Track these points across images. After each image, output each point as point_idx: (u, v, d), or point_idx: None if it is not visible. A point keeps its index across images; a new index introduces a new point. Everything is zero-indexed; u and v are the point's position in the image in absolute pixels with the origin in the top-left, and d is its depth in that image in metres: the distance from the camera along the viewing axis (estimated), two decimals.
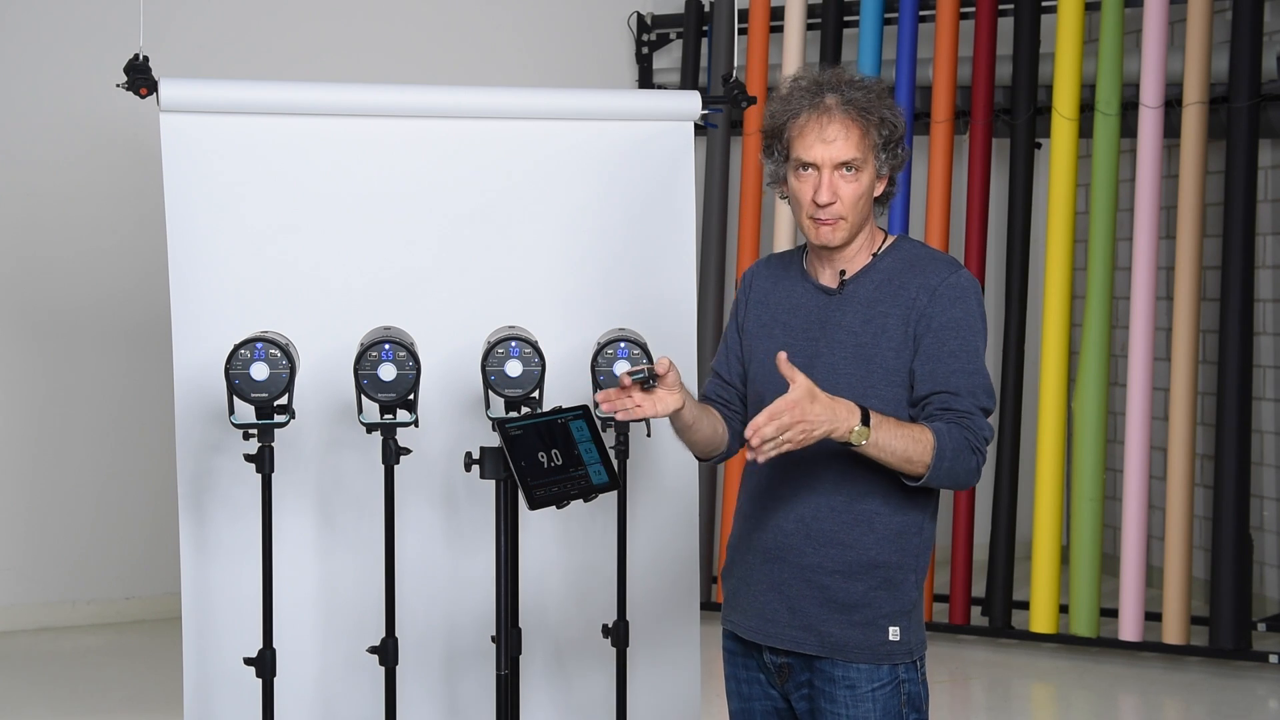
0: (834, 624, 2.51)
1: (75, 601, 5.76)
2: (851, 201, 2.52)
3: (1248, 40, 5.20)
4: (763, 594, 2.59)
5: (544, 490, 2.77)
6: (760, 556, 2.59)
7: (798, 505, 2.54)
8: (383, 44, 6.08)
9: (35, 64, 5.67)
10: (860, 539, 2.51)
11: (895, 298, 2.53)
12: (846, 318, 2.55)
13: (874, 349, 2.51)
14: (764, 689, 2.63)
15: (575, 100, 3.82)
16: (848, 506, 2.51)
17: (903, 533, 2.52)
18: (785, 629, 2.56)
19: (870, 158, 2.53)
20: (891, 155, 2.56)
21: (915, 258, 2.57)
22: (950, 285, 2.51)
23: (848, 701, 2.51)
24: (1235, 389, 5.18)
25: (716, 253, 5.98)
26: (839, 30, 5.91)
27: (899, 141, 2.57)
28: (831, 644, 2.52)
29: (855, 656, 2.51)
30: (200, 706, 3.49)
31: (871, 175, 2.54)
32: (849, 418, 2.36)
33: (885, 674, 2.51)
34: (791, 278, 2.66)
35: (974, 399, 2.48)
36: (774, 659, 2.60)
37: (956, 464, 2.43)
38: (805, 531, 2.53)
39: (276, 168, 3.54)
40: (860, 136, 2.51)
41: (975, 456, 2.45)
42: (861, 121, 2.51)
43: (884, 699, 2.51)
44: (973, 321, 2.51)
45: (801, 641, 2.54)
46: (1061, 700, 5.17)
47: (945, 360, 2.48)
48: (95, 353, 5.76)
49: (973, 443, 2.45)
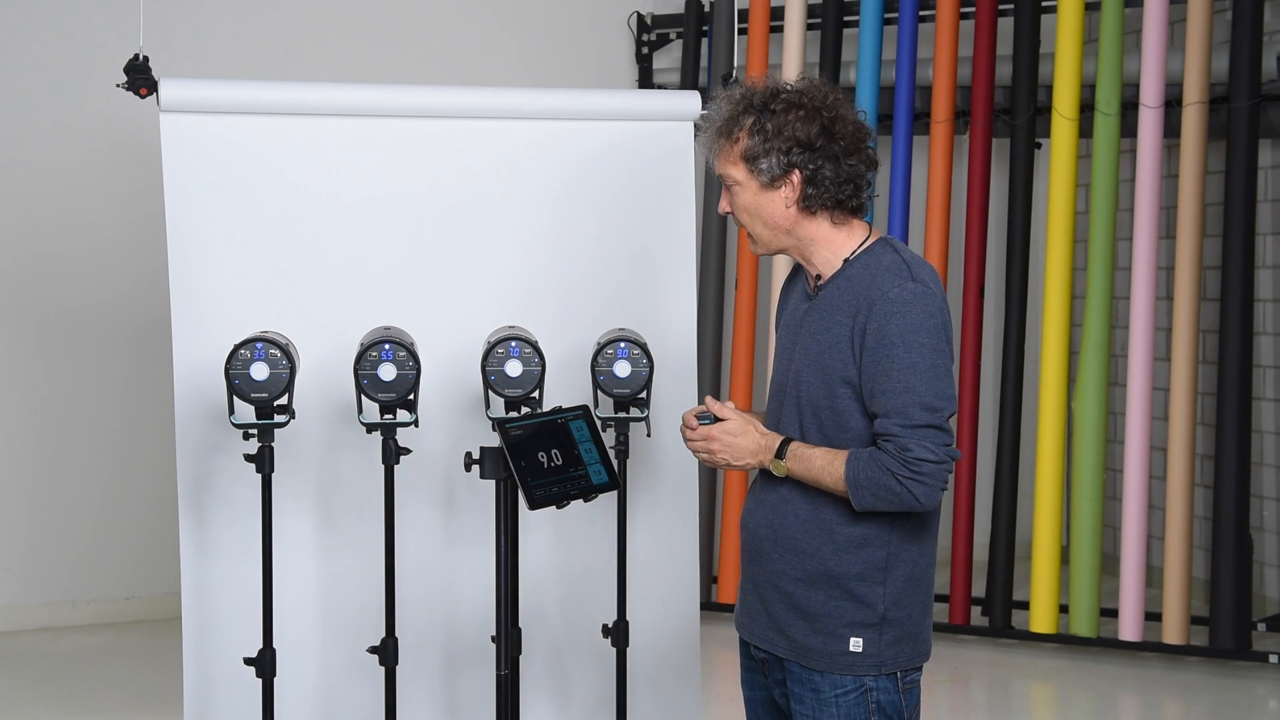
0: (798, 630, 2.54)
1: (75, 601, 5.76)
2: (739, 214, 2.60)
3: (1248, 40, 5.20)
4: (747, 591, 2.66)
5: (544, 490, 2.77)
6: (746, 555, 2.66)
7: (769, 510, 2.59)
8: (382, 44, 6.08)
9: (35, 64, 5.67)
10: (819, 548, 2.52)
11: (846, 307, 2.50)
12: (812, 324, 2.56)
13: (829, 359, 2.51)
14: (761, 679, 2.68)
15: (575, 100, 3.82)
16: (811, 514, 2.54)
17: (863, 545, 2.50)
18: (762, 628, 2.61)
19: (740, 171, 2.56)
20: (773, 159, 2.51)
21: (877, 267, 2.50)
22: (888, 300, 2.43)
23: (813, 704, 2.53)
24: (1235, 389, 5.17)
25: (716, 253, 5.98)
26: (839, 30, 5.91)
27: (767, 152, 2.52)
28: (797, 648, 2.55)
29: (816, 663, 2.53)
30: (200, 706, 3.49)
31: (752, 188, 2.56)
32: (766, 454, 2.55)
33: (850, 682, 2.51)
34: (798, 283, 2.70)
35: (901, 418, 2.40)
36: (757, 653, 2.65)
37: (879, 491, 2.42)
38: (773, 536, 2.58)
39: (276, 168, 3.54)
40: (728, 151, 2.58)
41: (898, 481, 2.40)
42: (723, 138, 2.59)
43: (848, 705, 2.50)
44: (908, 335, 2.41)
45: (774, 642, 2.59)
46: (1061, 700, 5.17)
47: (878, 380, 2.44)
48: (95, 353, 5.76)
49: (891, 467, 2.40)
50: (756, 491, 2.66)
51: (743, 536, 2.66)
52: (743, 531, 2.66)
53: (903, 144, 5.65)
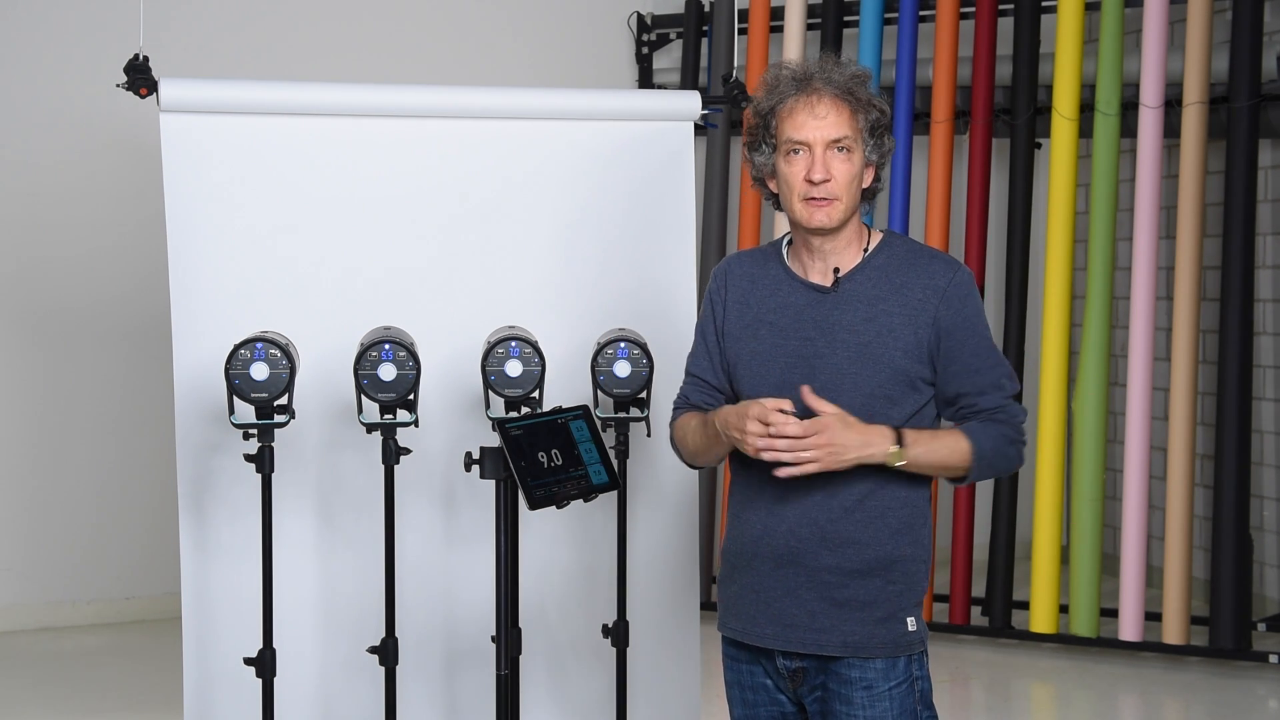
0: (855, 622, 2.51)
1: (75, 601, 5.76)
2: (846, 181, 2.50)
3: (1248, 40, 5.20)
4: (778, 599, 2.55)
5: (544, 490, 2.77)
6: (772, 562, 2.56)
7: (810, 508, 2.52)
8: (382, 44, 6.08)
9: (35, 64, 5.67)
10: (875, 536, 2.51)
11: (899, 296, 2.51)
12: (846, 316, 2.52)
13: (879, 348, 2.49)
14: (770, 695, 2.60)
15: (575, 100, 3.82)
16: (859, 505, 2.51)
17: (912, 524, 2.54)
18: (805, 632, 2.53)
19: (859, 140, 2.51)
20: (878, 143, 2.54)
21: (911, 254, 2.56)
22: (957, 285, 2.53)
23: (864, 702, 2.50)
24: (1235, 389, 5.17)
25: (716, 253, 5.98)
26: (839, 30, 5.91)
27: (885, 129, 2.55)
28: (853, 643, 2.51)
29: (876, 652, 2.50)
30: (200, 706, 3.49)
31: (861, 159, 2.52)
32: (882, 443, 2.45)
33: (901, 672, 2.52)
34: (772, 276, 2.60)
35: (1000, 392, 2.53)
36: (788, 664, 2.57)
37: (997, 460, 2.53)
38: (820, 535, 2.51)
39: (276, 168, 3.54)
40: (850, 116, 2.50)
41: (1014, 446, 2.54)
42: (851, 101, 2.50)
43: (900, 697, 2.51)
44: (981, 315, 2.56)
45: (824, 644, 2.52)
46: (1061, 700, 5.17)
47: (967, 360, 2.52)
48: (95, 353, 5.76)
49: (1009, 435, 2.53)
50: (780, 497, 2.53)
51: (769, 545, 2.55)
52: (769, 540, 2.55)
53: (903, 144, 5.65)
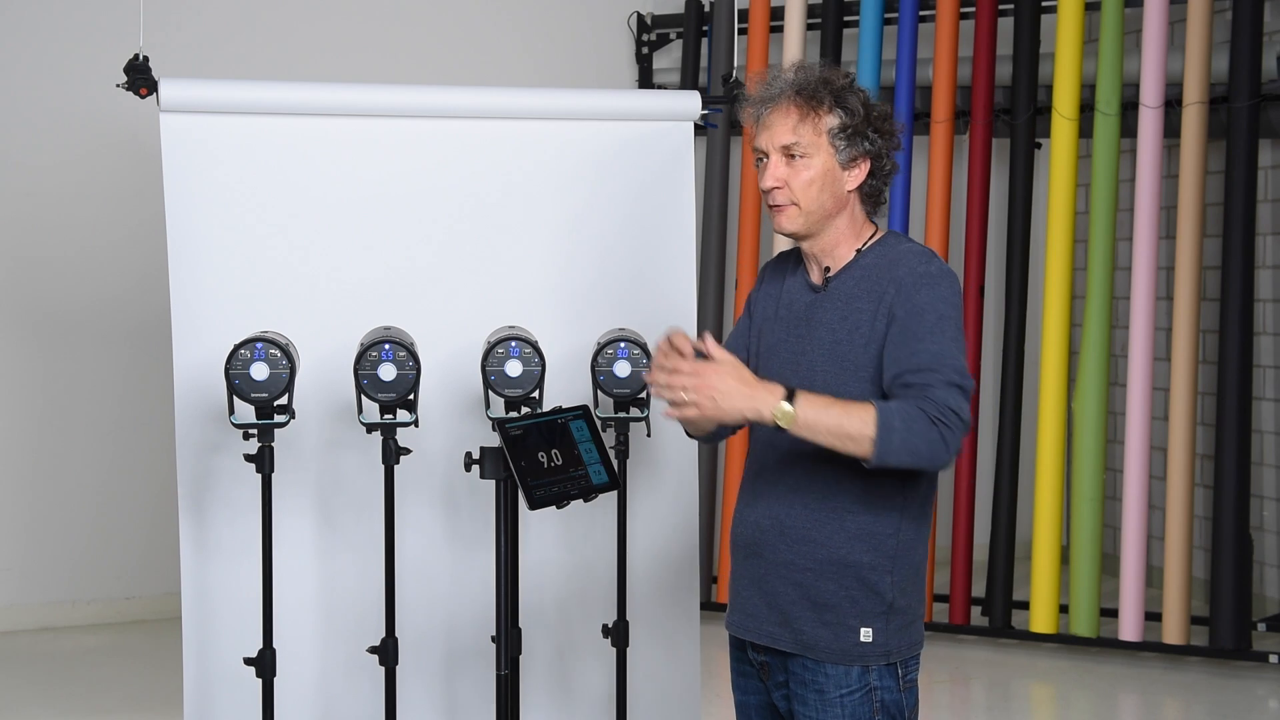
0: (807, 621, 2.51)
1: (75, 601, 5.76)
2: (801, 186, 2.49)
3: (1248, 40, 5.20)
4: (745, 589, 2.60)
5: (544, 490, 2.77)
6: (742, 552, 2.60)
7: (773, 502, 2.55)
8: (383, 44, 6.08)
9: (35, 64, 5.67)
10: (830, 537, 2.49)
11: (869, 294, 2.50)
12: (827, 315, 2.53)
13: (848, 347, 2.49)
14: (757, 684, 2.64)
15: (575, 100, 3.82)
16: (819, 503, 2.50)
17: (874, 533, 2.49)
18: (764, 624, 2.56)
19: (821, 143, 2.49)
20: (857, 142, 2.51)
21: (895, 254, 2.53)
22: (917, 275, 2.46)
23: (816, 705, 2.50)
24: (1235, 389, 5.17)
25: (716, 253, 5.98)
26: (839, 30, 5.91)
27: (862, 130, 2.51)
28: (804, 641, 2.51)
29: (825, 656, 2.49)
30: (200, 706, 3.49)
31: (826, 161, 2.50)
32: (770, 399, 2.35)
33: (855, 680, 2.48)
34: (792, 273, 2.66)
35: (937, 374, 2.38)
36: (756, 656, 2.61)
37: (911, 436, 2.33)
38: (779, 528, 2.53)
39: (276, 168, 3.54)
40: (799, 120, 2.48)
41: (935, 428, 2.33)
42: (803, 106, 2.49)
43: (853, 705, 2.49)
44: (940, 306, 2.43)
45: (777, 637, 2.54)
46: (1061, 700, 5.17)
47: (908, 343, 2.42)
48: (95, 353, 5.76)
49: (930, 413, 2.34)
50: (753, 489, 2.60)
51: (739, 536, 2.61)
52: (739, 530, 2.61)
53: (903, 144, 5.64)
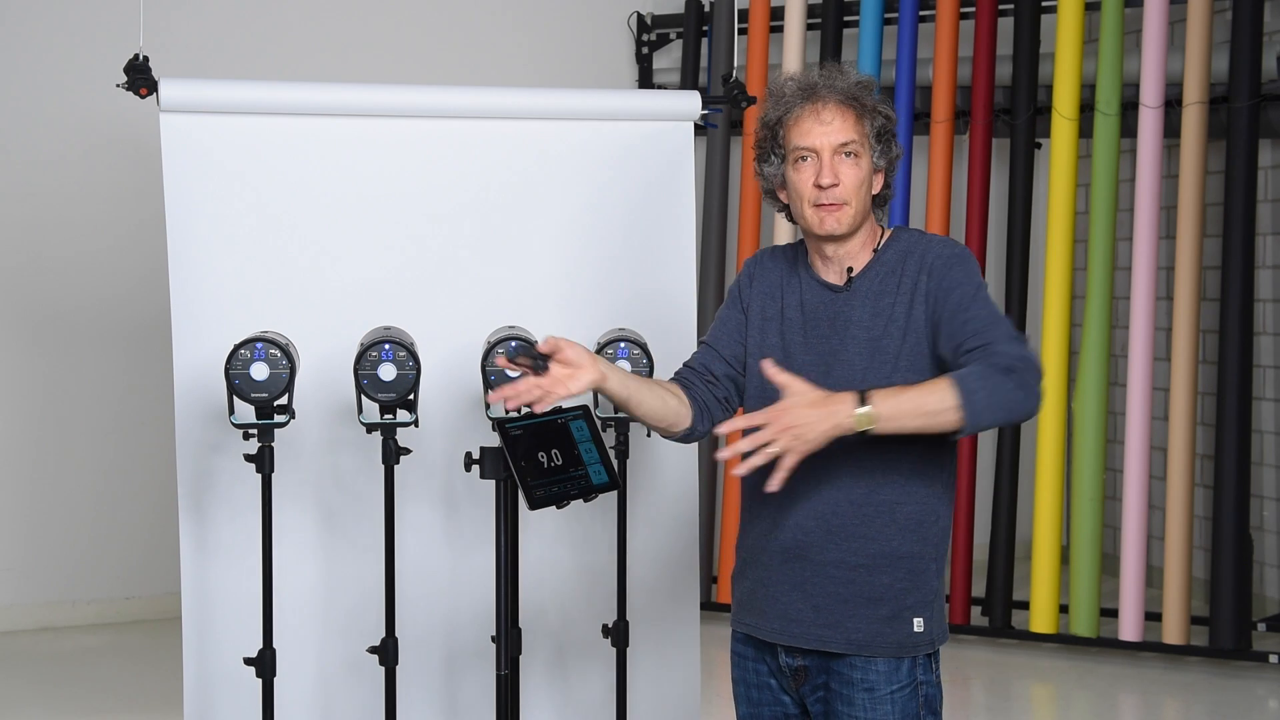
0: (860, 619, 2.50)
1: (75, 601, 5.76)
2: (854, 186, 2.52)
3: (1248, 40, 5.20)
4: (784, 594, 2.56)
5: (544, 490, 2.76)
6: (780, 557, 2.57)
7: (817, 502, 2.53)
8: (383, 44, 6.08)
9: (35, 64, 5.67)
10: (881, 530, 2.50)
11: (898, 286, 2.53)
12: (857, 313, 2.54)
13: (885, 339, 2.51)
14: (774, 694, 2.61)
15: (575, 100, 3.82)
16: (866, 498, 2.51)
17: (922, 521, 2.52)
18: (810, 628, 2.54)
19: (866, 146, 2.54)
20: (886, 148, 2.57)
21: (912, 243, 2.57)
22: (946, 257, 2.51)
23: (866, 704, 2.50)
24: (1235, 389, 5.18)
25: (716, 253, 5.98)
26: (839, 30, 5.91)
27: (892, 135, 2.58)
28: (857, 641, 2.51)
29: (879, 651, 2.50)
30: (200, 706, 3.49)
31: (869, 164, 2.54)
32: (846, 408, 2.33)
33: (904, 675, 2.51)
34: (796, 274, 2.64)
35: (995, 330, 2.40)
36: (790, 661, 2.58)
37: (994, 392, 2.32)
38: (825, 528, 2.52)
39: (276, 168, 3.53)
40: (855, 121, 2.52)
41: (1013, 377, 2.33)
42: (856, 107, 2.53)
43: (902, 701, 2.51)
44: (976, 278, 2.49)
45: (827, 640, 2.52)
46: (1061, 700, 5.17)
47: (959, 315, 2.45)
48: (95, 353, 5.76)
49: (1001, 364, 2.34)
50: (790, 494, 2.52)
51: (777, 542, 2.55)
52: (776, 534, 2.56)
53: (903, 144, 5.64)
